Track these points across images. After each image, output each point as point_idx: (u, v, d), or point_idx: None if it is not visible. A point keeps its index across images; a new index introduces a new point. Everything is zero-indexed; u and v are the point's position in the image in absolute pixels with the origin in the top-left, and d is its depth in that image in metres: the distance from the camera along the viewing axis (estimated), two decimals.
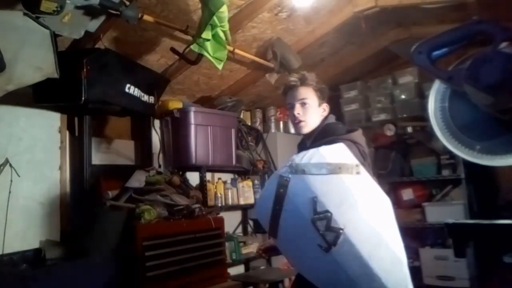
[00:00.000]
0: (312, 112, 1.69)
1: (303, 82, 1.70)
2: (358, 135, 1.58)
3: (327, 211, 1.25)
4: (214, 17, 2.12)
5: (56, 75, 1.91)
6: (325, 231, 1.24)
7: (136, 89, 2.52)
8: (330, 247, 1.24)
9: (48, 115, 2.52)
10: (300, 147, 1.81)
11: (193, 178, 3.18)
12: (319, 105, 1.72)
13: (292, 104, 1.71)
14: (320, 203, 1.26)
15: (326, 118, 1.74)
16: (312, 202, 1.27)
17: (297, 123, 1.71)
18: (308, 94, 1.70)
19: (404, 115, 3.60)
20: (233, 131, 3.38)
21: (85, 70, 2.14)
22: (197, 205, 2.68)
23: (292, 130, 3.69)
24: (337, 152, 1.36)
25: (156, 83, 2.78)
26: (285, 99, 1.77)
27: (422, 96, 3.45)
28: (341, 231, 1.24)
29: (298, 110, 1.68)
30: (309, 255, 1.30)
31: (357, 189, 1.31)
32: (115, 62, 2.37)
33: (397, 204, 3.50)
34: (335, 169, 1.31)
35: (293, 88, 1.72)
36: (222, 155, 3.23)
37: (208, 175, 3.45)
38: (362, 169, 1.34)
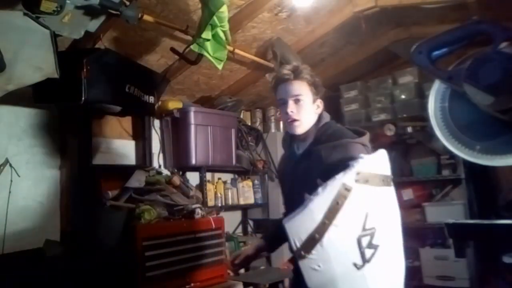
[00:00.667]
0: (307, 109, 1.52)
1: (297, 75, 1.52)
2: (367, 139, 1.46)
3: (373, 228, 1.16)
4: (214, 17, 2.12)
5: (56, 75, 1.91)
6: (366, 248, 1.16)
7: (136, 89, 2.52)
8: (364, 264, 1.17)
9: (48, 115, 2.52)
10: (289, 147, 1.67)
11: (193, 178, 3.18)
12: (314, 101, 1.54)
13: (284, 100, 1.53)
14: (370, 219, 1.16)
15: (321, 116, 1.58)
16: (365, 217, 1.15)
17: (290, 122, 1.52)
18: (303, 90, 1.52)
19: (404, 115, 3.60)
20: (233, 131, 3.38)
21: (85, 70, 2.14)
22: (197, 205, 2.68)
23: None
24: (384, 161, 1.26)
25: (156, 83, 2.78)
26: (275, 93, 1.59)
27: (422, 96, 3.45)
28: (378, 247, 1.17)
29: (291, 107, 1.50)
30: (338, 273, 1.18)
31: (394, 202, 1.27)
32: (115, 62, 2.37)
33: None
34: (385, 180, 1.22)
35: (286, 82, 1.53)
36: (222, 155, 3.24)
37: (208, 175, 3.45)
38: (391, 181, 1.29)
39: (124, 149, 3.01)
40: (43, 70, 1.87)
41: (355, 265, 1.16)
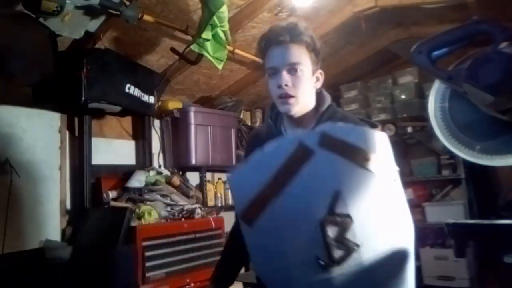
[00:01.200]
0: (305, 83, 1.17)
1: (295, 37, 1.15)
2: None
3: (348, 216, 0.90)
4: (214, 17, 2.12)
5: (55, 75, 1.91)
6: (334, 242, 0.90)
7: (136, 89, 2.52)
8: (331, 265, 0.90)
9: (48, 115, 2.52)
10: (274, 127, 1.27)
11: (193, 178, 3.18)
12: (313, 72, 1.20)
13: (276, 69, 1.16)
14: (342, 202, 0.91)
15: (321, 95, 1.25)
16: (333, 196, 0.90)
17: (284, 98, 1.16)
18: (302, 57, 1.16)
19: (404, 115, 3.60)
20: (233, 131, 3.38)
21: (85, 70, 2.14)
22: (197, 205, 2.69)
23: None
24: (381, 144, 0.99)
25: (156, 83, 2.78)
26: (262, 59, 1.22)
27: (422, 96, 3.45)
28: (356, 248, 0.90)
29: (286, 79, 1.14)
30: (293, 265, 0.93)
31: (393, 201, 0.99)
32: (115, 62, 2.37)
33: None
34: (375, 164, 0.95)
35: (280, 45, 1.15)
36: (222, 155, 3.24)
37: (208, 175, 3.45)
38: (398, 176, 1.03)
39: (124, 149, 3.01)
40: (43, 70, 1.88)
41: (317, 260, 0.90)
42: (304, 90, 1.17)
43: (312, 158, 0.92)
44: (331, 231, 0.90)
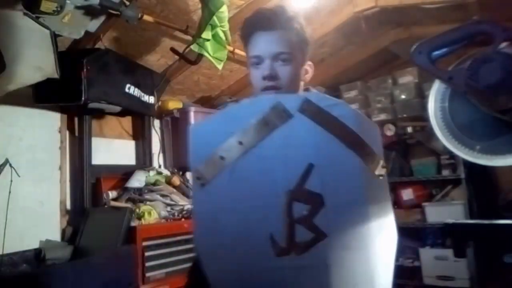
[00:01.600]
0: (293, 74, 1.02)
1: (283, 23, 1.00)
2: None
3: (320, 197, 0.78)
4: (214, 17, 2.12)
5: (56, 75, 1.92)
6: (299, 224, 0.76)
7: (136, 89, 2.52)
8: (287, 253, 0.76)
9: (48, 115, 2.52)
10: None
11: None
12: (302, 63, 1.06)
13: (260, 58, 1.01)
14: (315, 179, 0.78)
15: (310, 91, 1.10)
16: (305, 169, 0.78)
17: (270, 90, 1.00)
18: (290, 45, 1.01)
19: (404, 115, 3.60)
20: None
21: (85, 70, 2.14)
22: None
23: None
24: (373, 132, 0.90)
25: (156, 83, 2.78)
26: (245, 46, 1.06)
27: (422, 96, 3.45)
28: (322, 237, 0.76)
29: (271, 69, 0.99)
30: (240, 241, 0.79)
31: (376, 198, 0.86)
32: (115, 62, 2.37)
33: (397, 204, 3.49)
34: (361, 149, 0.83)
35: (266, 31, 1.00)
36: None
37: None
38: (385, 176, 0.92)
39: (124, 149, 3.01)
40: (43, 70, 1.88)
41: (272, 241, 0.75)
42: (292, 82, 1.02)
43: (289, 123, 0.81)
44: (297, 209, 0.76)
